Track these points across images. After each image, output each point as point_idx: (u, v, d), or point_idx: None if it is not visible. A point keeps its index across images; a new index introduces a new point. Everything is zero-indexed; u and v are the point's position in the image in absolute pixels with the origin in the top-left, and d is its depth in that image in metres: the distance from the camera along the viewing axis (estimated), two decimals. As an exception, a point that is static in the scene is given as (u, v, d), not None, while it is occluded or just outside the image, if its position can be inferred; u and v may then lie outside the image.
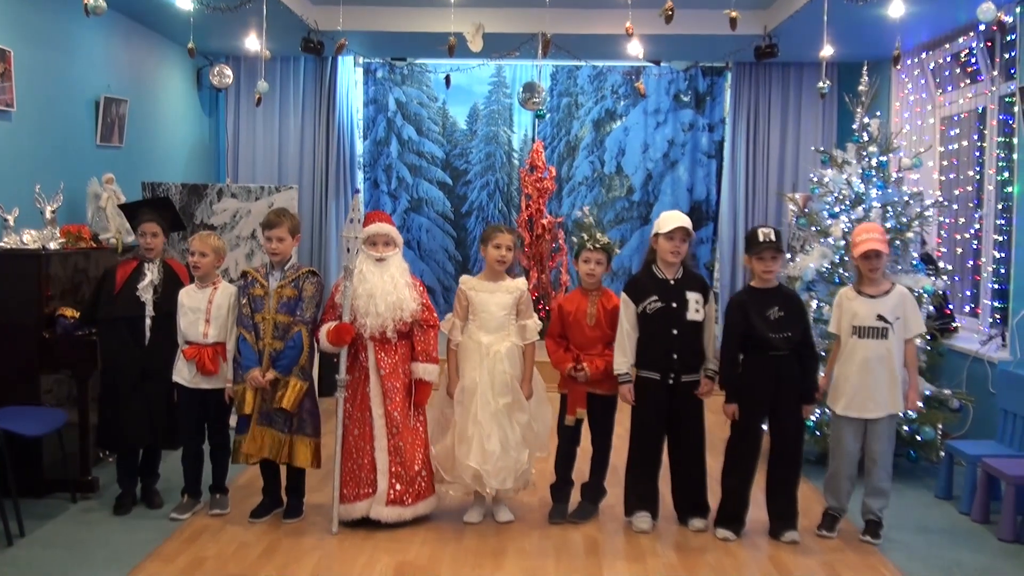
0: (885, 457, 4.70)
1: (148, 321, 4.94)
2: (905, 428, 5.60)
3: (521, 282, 4.93)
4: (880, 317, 4.65)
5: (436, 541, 4.60)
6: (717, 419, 4.89)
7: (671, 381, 4.70)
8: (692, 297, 4.72)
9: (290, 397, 4.65)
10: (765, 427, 4.81)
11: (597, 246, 4.86)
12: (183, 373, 4.86)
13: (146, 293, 4.95)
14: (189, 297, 4.92)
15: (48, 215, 5.54)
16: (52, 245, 5.38)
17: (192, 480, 4.98)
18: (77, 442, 5.16)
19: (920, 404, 5.68)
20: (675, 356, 4.69)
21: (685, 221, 4.72)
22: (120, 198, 6.29)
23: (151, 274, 4.99)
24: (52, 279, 5.23)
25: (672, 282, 4.73)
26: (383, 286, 4.63)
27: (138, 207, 5.28)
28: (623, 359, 4.74)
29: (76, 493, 5.13)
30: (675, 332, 4.69)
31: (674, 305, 4.70)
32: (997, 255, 6.44)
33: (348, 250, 4.67)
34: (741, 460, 4.73)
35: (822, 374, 5.34)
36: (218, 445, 4.99)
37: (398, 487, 4.68)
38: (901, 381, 4.67)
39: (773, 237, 4.63)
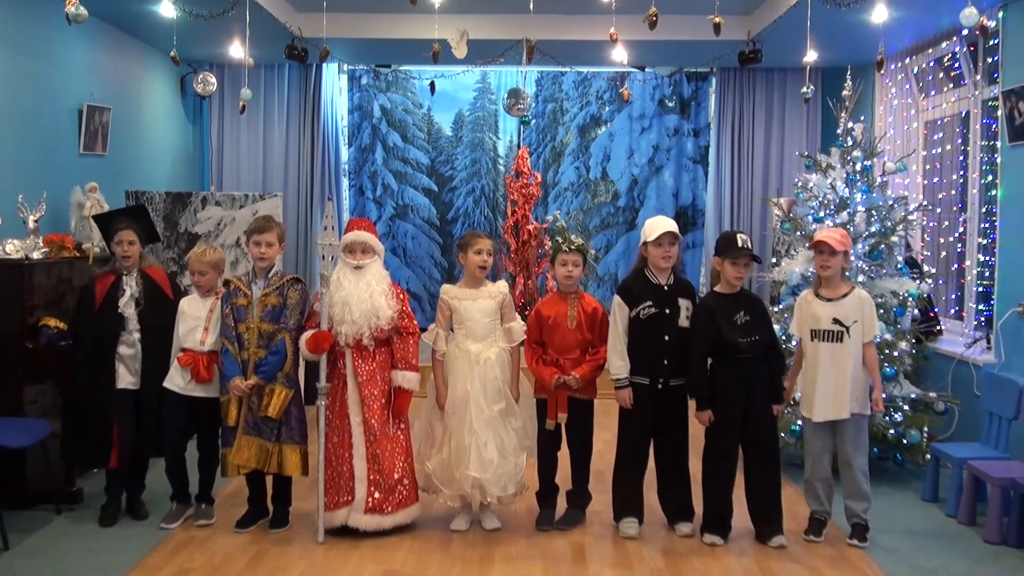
0: (856, 459, 4.70)
1: (136, 335, 4.86)
2: (891, 432, 5.62)
3: (502, 285, 4.94)
4: (836, 320, 4.67)
5: (423, 549, 4.58)
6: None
7: (660, 386, 4.71)
8: (684, 304, 4.74)
9: (275, 404, 4.62)
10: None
11: (572, 248, 4.86)
12: (176, 380, 4.80)
13: (128, 308, 4.86)
14: (191, 305, 4.88)
15: (31, 224, 5.51)
16: (35, 255, 5.34)
17: (179, 487, 4.94)
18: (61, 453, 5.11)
19: (905, 407, 5.72)
20: (666, 362, 4.70)
21: (671, 225, 4.73)
22: (104, 207, 6.23)
23: (131, 288, 4.89)
24: (35, 289, 5.19)
25: (666, 288, 4.74)
26: (358, 294, 4.60)
27: (112, 217, 5.14)
28: (621, 364, 4.72)
29: (60, 505, 5.07)
30: (667, 338, 4.70)
31: (667, 311, 4.71)
32: (981, 258, 6.47)
33: (323, 257, 4.66)
34: (720, 464, 4.73)
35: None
36: (207, 454, 4.94)
37: (377, 495, 4.65)
38: (864, 384, 4.68)
39: (750, 244, 4.68)
